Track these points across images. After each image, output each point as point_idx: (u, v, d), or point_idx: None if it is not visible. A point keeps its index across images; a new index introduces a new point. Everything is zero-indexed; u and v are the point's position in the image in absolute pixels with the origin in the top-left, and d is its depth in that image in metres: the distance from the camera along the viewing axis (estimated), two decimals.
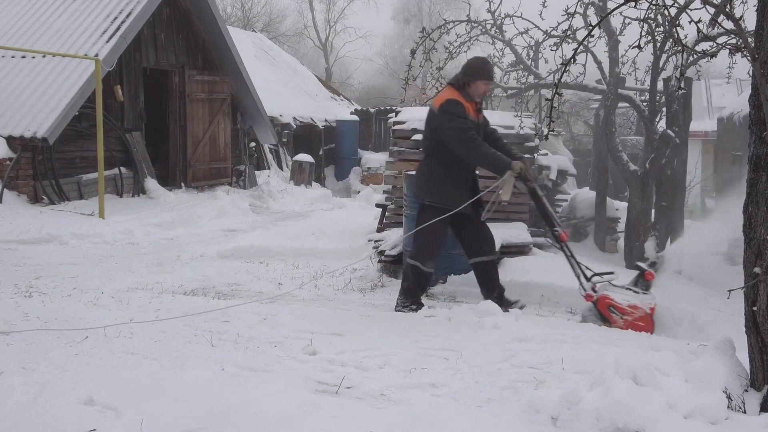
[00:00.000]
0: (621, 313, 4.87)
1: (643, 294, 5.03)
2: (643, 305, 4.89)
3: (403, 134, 7.79)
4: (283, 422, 2.98)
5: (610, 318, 4.91)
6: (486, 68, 5.40)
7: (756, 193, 3.08)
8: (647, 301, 4.93)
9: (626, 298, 4.94)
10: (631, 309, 4.87)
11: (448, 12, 37.13)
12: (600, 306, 4.97)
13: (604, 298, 4.96)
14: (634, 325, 4.82)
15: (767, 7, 3.07)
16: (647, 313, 4.86)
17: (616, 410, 2.88)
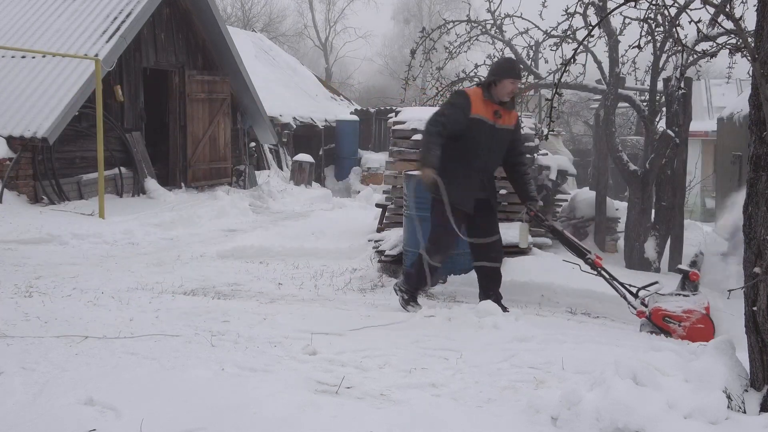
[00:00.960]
0: (677, 321, 4.74)
1: (693, 295, 4.91)
2: (697, 307, 4.77)
3: (403, 134, 7.79)
4: (283, 422, 2.98)
5: (668, 329, 4.75)
6: (512, 66, 5.22)
7: (756, 193, 3.08)
8: (700, 302, 4.81)
9: (679, 305, 4.81)
10: (687, 314, 4.74)
11: (448, 12, 37.15)
12: (655, 319, 4.82)
13: (657, 311, 4.82)
14: (695, 329, 4.68)
15: (767, 7, 3.07)
16: (704, 314, 4.73)
17: (616, 410, 2.88)
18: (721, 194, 11.99)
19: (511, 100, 5.17)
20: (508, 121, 5.17)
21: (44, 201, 9.95)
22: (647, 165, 8.12)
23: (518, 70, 5.30)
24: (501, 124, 5.12)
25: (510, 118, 5.20)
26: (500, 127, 5.12)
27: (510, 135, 5.22)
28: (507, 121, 5.17)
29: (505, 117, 5.13)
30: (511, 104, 5.18)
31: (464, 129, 5.03)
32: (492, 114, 5.06)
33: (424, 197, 5.74)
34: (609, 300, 5.89)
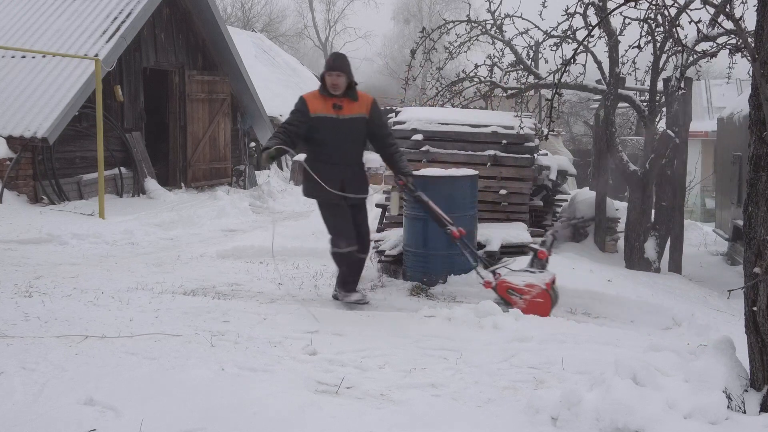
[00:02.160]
0: (519, 293, 5.13)
1: (540, 272, 5.33)
2: (539, 282, 5.16)
3: (403, 134, 7.79)
4: (283, 422, 2.99)
5: (510, 300, 5.15)
6: (331, 60, 5.43)
7: (756, 193, 3.08)
8: (544, 278, 5.21)
9: (523, 279, 5.20)
10: (528, 288, 5.13)
11: (448, 12, 37.15)
12: (500, 291, 5.22)
13: (502, 283, 5.21)
14: (534, 303, 5.09)
15: (767, 7, 3.07)
16: (544, 290, 5.13)
17: (616, 410, 2.88)
18: (721, 194, 11.99)
19: (352, 90, 5.33)
20: (354, 110, 5.34)
21: (44, 201, 9.95)
22: (647, 165, 8.12)
23: (337, 63, 5.40)
24: (345, 114, 5.32)
25: (357, 107, 5.35)
26: (345, 118, 5.32)
27: (363, 123, 5.38)
28: (352, 111, 5.34)
29: (347, 107, 5.32)
30: (353, 94, 5.34)
31: (311, 129, 5.30)
32: (332, 108, 5.30)
33: None
34: (609, 300, 5.90)
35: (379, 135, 5.49)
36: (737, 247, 9.72)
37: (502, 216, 7.48)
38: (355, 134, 5.41)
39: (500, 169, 7.49)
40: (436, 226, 6.27)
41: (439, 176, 6.40)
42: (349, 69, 5.40)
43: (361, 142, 5.49)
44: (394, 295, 6.02)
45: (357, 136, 5.43)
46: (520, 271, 5.42)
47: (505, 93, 9.11)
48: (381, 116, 5.56)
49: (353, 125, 5.38)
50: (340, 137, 5.37)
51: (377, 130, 5.48)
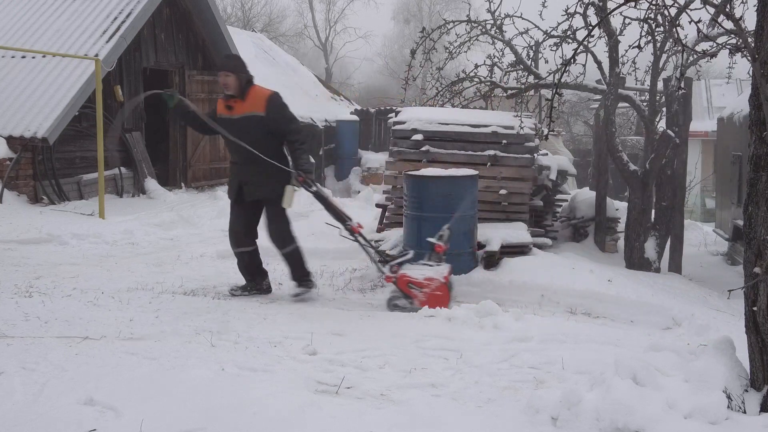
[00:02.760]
0: (419, 287, 5.25)
1: (437, 266, 5.47)
2: (437, 276, 5.31)
3: (403, 134, 7.79)
4: (283, 422, 2.99)
5: (411, 294, 5.28)
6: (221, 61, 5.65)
7: (756, 193, 3.08)
8: (441, 272, 5.36)
9: (422, 273, 5.33)
10: (428, 281, 5.26)
11: (448, 12, 37.14)
12: (400, 284, 5.32)
13: (402, 277, 5.31)
14: (433, 295, 5.23)
15: (767, 7, 3.07)
16: (443, 282, 5.29)
17: (616, 410, 2.88)
18: (721, 194, 11.99)
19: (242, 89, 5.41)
20: (245, 109, 5.42)
21: (44, 201, 9.95)
22: (647, 165, 8.12)
23: (224, 63, 5.61)
24: (237, 114, 5.44)
25: (248, 106, 5.42)
26: (238, 117, 5.43)
27: (259, 120, 5.39)
28: (244, 110, 5.42)
29: (238, 107, 5.43)
30: (241, 93, 5.41)
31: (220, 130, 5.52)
32: (225, 108, 5.50)
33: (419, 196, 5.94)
34: (609, 300, 5.90)
35: (279, 131, 5.47)
36: (737, 247, 9.72)
37: (502, 216, 7.48)
38: (250, 133, 5.43)
39: (500, 169, 7.49)
40: (437, 227, 6.28)
41: (439, 176, 6.40)
42: (238, 68, 5.46)
43: (260, 140, 5.42)
44: None
45: (253, 135, 5.41)
46: (419, 264, 5.52)
47: (505, 93, 9.11)
48: (280, 113, 5.48)
49: (248, 123, 5.43)
50: (236, 137, 5.44)
51: (276, 127, 5.45)
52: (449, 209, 6.29)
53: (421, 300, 5.20)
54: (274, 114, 5.44)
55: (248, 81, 5.47)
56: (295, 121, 5.58)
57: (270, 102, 5.44)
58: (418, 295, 5.23)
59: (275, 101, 5.48)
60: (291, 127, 5.52)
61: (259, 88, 5.54)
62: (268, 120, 5.41)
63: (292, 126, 5.53)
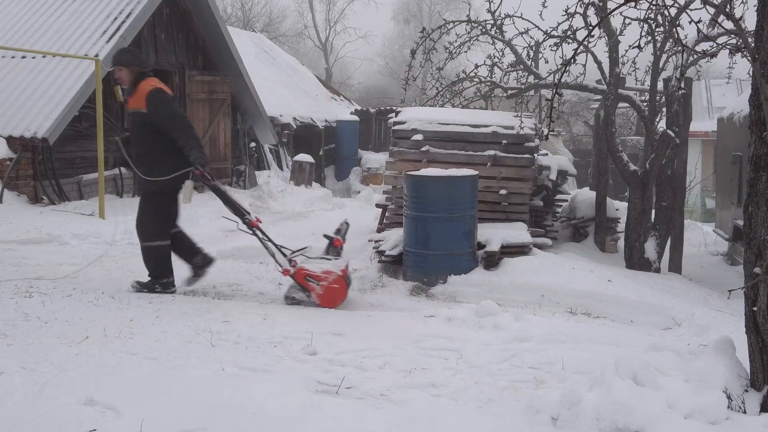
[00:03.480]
0: (317, 280, 5.30)
1: (335, 259, 5.54)
2: (335, 269, 5.35)
3: (403, 134, 7.79)
4: (283, 422, 2.99)
5: (308, 287, 5.32)
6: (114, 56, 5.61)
7: (756, 193, 3.08)
8: (339, 265, 5.41)
9: (320, 266, 5.38)
10: (325, 274, 5.31)
11: (448, 12, 37.14)
12: (298, 278, 5.37)
13: (300, 270, 5.36)
14: (331, 288, 5.29)
15: (767, 7, 3.07)
16: (340, 276, 5.32)
17: (616, 410, 2.88)
18: (721, 194, 11.99)
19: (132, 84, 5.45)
20: (133, 104, 5.49)
21: (44, 201, 9.95)
22: (647, 165, 8.12)
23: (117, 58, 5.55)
24: (131, 108, 5.57)
25: (135, 102, 5.46)
26: (131, 112, 5.59)
27: (145, 117, 5.43)
28: (133, 105, 5.50)
29: (131, 101, 5.52)
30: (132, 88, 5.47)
31: None
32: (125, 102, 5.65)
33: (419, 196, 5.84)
34: (609, 300, 5.90)
35: (162, 128, 5.40)
36: (737, 247, 9.72)
37: (502, 216, 7.49)
38: (140, 128, 5.53)
39: (500, 169, 7.49)
40: (437, 227, 6.29)
41: (439, 176, 6.40)
42: (130, 61, 5.50)
43: (146, 136, 5.47)
44: (394, 295, 6.03)
45: (140, 130, 5.52)
46: (317, 258, 5.59)
47: (505, 93, 9.11)
48: (159, 109, 5.38)
49: (135, 119, 5.56)
50: (132, 129, 5.65)
51: (158, 123, 5.39)
52: (449, 209, 6.30)
53: (318, 293, 5.27)
54: (154, 112, 5.37)
55: (140, 75, 5.47)
56: (175, 117, 5.47)
57: (150, 99, 5.36)
58: (315, 288, 5.29)
59: (155, 98, 5.38)
60: (171, 124, 5.41)
61: (144, 84, 5.43)
62: (149, 117, 5.38)
63: (172, 123, 5.41)
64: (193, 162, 5.43)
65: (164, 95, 5.44)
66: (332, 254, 5.65)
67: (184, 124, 5.49)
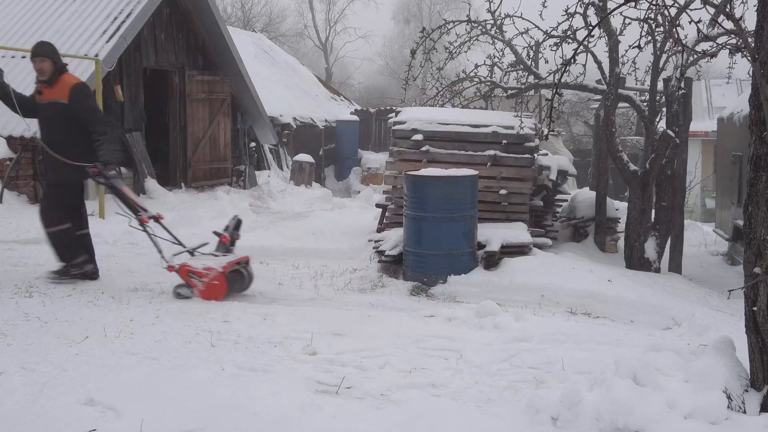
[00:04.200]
0: (198, 276, 5.36)
1: (222, 256, 5.59)
2: (216, 266, 5.40)
3: (403, 134, 7.79)
4: (283, 422, 2.99)
5: (191, 283, 5.38)
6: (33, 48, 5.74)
7: (756, 193, 3.08)
8: (221, 262, 5.46)
9: (203, 263, 5.45)
10: (207, 271, 5.36)
11: (448, 12, 37.13)
12: (181, 274, 5.43)
13: (184, 266, 5.43)
14: (211, 285, 5.33)
15: (767, 7, 3.07)
16: (221, 272, 5.36)
17: (616, 410, 2.88)
18: (721, 194, 11.99)
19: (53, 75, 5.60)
20: (52, 95, 5.60)
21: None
22: (647, 165, 8.12)
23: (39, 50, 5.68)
24: (43, 99, 5.64)
25: (53, 93, 5.60)
26: (44, 103, 5.64)
27: (61, 108, 5.57)
28: (49, 96, 5.61)
29: (46, 92, 5.62)
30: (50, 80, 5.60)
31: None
32: (37, 92, 5.73)
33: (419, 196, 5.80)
34: (609, 300, 5.90)
35: (81, 121, 5.60)
36: (737, 247, 9.72)
37: (502, 216, 7.49)
38: (53, 119, 5.63)
39: (500, 169, 7.49)
40: (437, 227, 6.29)
41: (439, 176, 6.40)
42: (54, 54, 5.64)
43: (59, 126, 5.63)
44: (394, 295, 6.02)
45: (54, 120, 5.63)
46: (205, 255, 5.65)
47: (505, 93, 9.11)
48: (82, 103, 5.62)
49: (51, 110, 5.63)
50: (42, 121, 5.71)
51: (79, 117, 5.59)
52: (449, 209, 6.29)
53: (200, 288, 5.33)
54: (77, 105, 5.59)
55: (61, 68, 5.65)
56: (96, 112, 5.77)
57: (74, 91, 5.58)
58: (197, 284, 5.35)
59: (79, 91, 5.63)
60: (91, 118, 5.65)
61: (68, 77, 5.69)
62: (70, 108, 5.56)
63: (92, 117, 5.66)
64: (98, 158, 5.60)
65: (88, 90, 5.79)
66: (221, 251, 5.72)
67: (102, 121, 5.77)
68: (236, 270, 5.53)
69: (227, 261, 5.51)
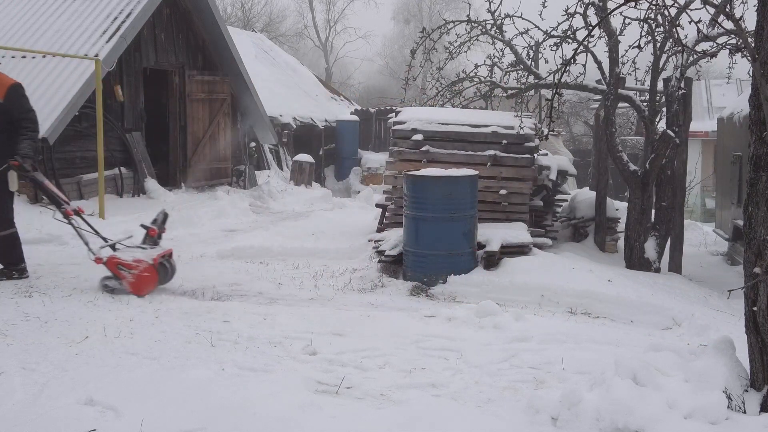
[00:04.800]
0: (128, 268, 5.38)
1: (150, 249, 5.68)
2: (146, 258, 5.46)
3: (403, 134, 7.79)
4: (283, 422, 2.99)
5: (120, 275, 5.40)
6: None
7: (756, 193, 3.08)
8: (151, 254, 5.53)
9: (132, 255, 5.50)
10: (136, 263, 5.39)
11: (448, 12, 37.14)
12: (110, 266, 5.46)
13: (112, 258, 5.47)
14: (141, 277, 5.36)
15: (767, 7, 3.07)
16: (150, 264, 5.42)
17: (616, 410, 2.88)
18: (721, 194, 11.99)
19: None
20: None
21: (44, 201, 9.94)
22: (647, 165, 8.12)
23: None
24: None
25: None
26: None
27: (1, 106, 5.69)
28: None
29: None
30: None
31: None
32: None
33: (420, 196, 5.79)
34: (609, 300, 5.90)
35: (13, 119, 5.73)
36: (737, 247, 9.72)
37: (502, 216, 7.49)
38: None
39: (500, 169, 7.49)
40: (437, 227, 6.30)
41: (439, 176, 6.40)
42: None
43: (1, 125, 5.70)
44: (394, 295, 6.02)
45: None
46: (133, 247, 5.73)
47: (505, 93, 9.11)
48: (18, 102, 5.77)
49: None
50: None
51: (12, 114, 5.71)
52: (449, 209, 6.30)
53: (129, 281, 5.35)
54: (14, 102, 5.73)
55: None
56: (30, 113, 5.88)
57: (11, 91, 5.73)
58: (127, 276, 5.36)
59: (16, 92, 5.79)
60: (24, 116, 5.79)
61: (5, 77, 5.82)
62: (5, 107, 5.69)
63: (25, 115, 5.80)
64: (18, 151, 5.64)
65: (23, 91, 5.91)
66: (149, 244, 5.78)
67: (34, 120, 5.89)
68: (161, 263, 5.64)
69: (157, 253, 5.58)
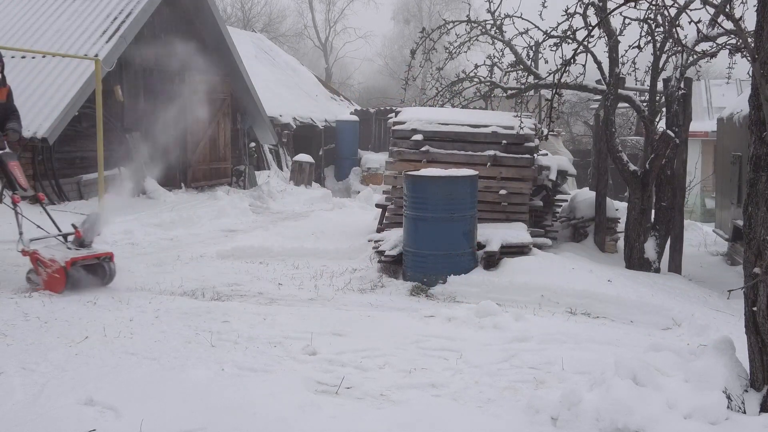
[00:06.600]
0: (44, 266, 5.43)
1: (75, 250, 5.63)
2: (60, 259, 5.42)
3: (403, 134, 7.79)
4: (283, 422, 2.99)
5: (37, 270, 5.49)
6: None
7: (756, 193, 3.08)
8: (66, 256, 5.46)
9: (52, 253, 5.49)
10: (51, 262, 5.41)
11: (448, 12, 37.12)
12: (32, 260, 5.54)
13: (35, 253, 5.53)
14: (52, 277, 5.39)
15: (767, 7, 3.07)
16: (62, 267, 5.38)
17: (616, 410, 2.88)
18: (721, 194, 11.98)
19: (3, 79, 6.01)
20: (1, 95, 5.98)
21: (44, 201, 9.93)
22: (647, 165, 8.11)
23: None
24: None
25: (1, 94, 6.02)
26: None
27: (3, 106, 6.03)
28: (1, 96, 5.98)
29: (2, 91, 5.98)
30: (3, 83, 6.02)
31: None
32: None
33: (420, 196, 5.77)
34: (609, 300, 5.90)
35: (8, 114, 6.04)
36: (737, 247, 9.72)
37: (502, 216, 7.49)
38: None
39: (500, 169, 7.49)
40: (437, 227, 6.30)
41: (439, 176, 6.40)
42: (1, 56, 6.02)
43: None
44: (394, 295, 6.03)
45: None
46: (60, 245, 5.70)
47: (505, 93, 9.11)
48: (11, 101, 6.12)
49: None
50: None
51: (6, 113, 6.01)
52: (449, 209, 6.30)
53: (43, 278, 5.40)
54: (9, 102, 6.10)
55: None
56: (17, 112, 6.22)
57: (10, 94, 6.13)
58: (42, 274, 5.42)
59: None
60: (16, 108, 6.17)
61: None
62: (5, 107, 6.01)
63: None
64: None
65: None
66: (74, 245, 5.74)
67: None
68: (97, 264, 5.61)
69: (75, 256, 5.50)
